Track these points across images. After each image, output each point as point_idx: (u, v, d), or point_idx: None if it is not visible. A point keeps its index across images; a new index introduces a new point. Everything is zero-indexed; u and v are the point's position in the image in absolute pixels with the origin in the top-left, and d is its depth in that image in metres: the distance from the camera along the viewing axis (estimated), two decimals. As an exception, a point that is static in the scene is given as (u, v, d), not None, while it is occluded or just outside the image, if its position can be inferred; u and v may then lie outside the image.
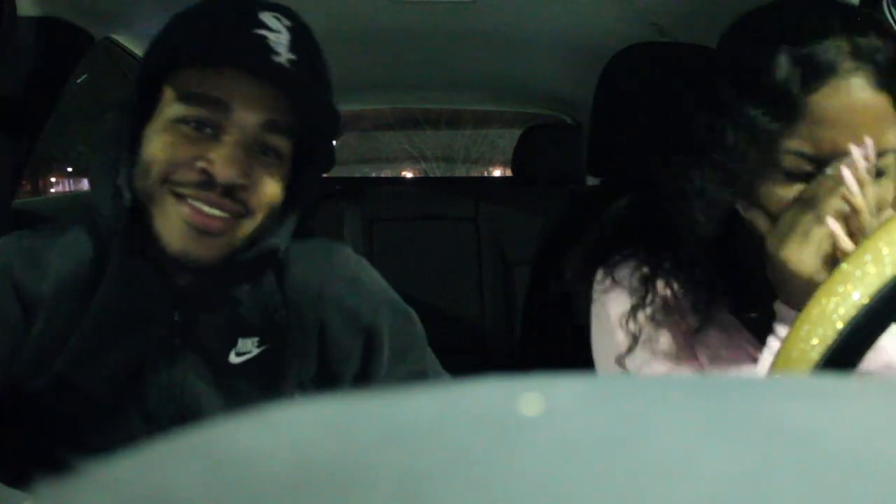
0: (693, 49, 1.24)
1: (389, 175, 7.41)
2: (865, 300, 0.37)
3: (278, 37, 0.68)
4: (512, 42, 1.77)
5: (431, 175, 8.01)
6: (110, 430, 0.74)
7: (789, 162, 0.60)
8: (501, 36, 1.72)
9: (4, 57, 1.12)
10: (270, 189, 0.71)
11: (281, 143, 0.71)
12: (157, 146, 0.68)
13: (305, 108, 0.72)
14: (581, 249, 0.88)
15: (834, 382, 0.19)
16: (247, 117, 0.68)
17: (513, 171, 2.22)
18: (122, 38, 1.44)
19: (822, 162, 0.59)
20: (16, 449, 0.74)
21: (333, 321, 0.80)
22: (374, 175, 6.93)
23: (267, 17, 0.69)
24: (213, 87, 0.68)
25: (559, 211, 1.30)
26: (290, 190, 0.75)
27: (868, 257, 0.37)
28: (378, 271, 0.87)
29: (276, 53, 0.67)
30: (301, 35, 0.71)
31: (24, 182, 0.98)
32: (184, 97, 0.68)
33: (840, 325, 0.37)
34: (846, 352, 0.37)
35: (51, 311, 0.73)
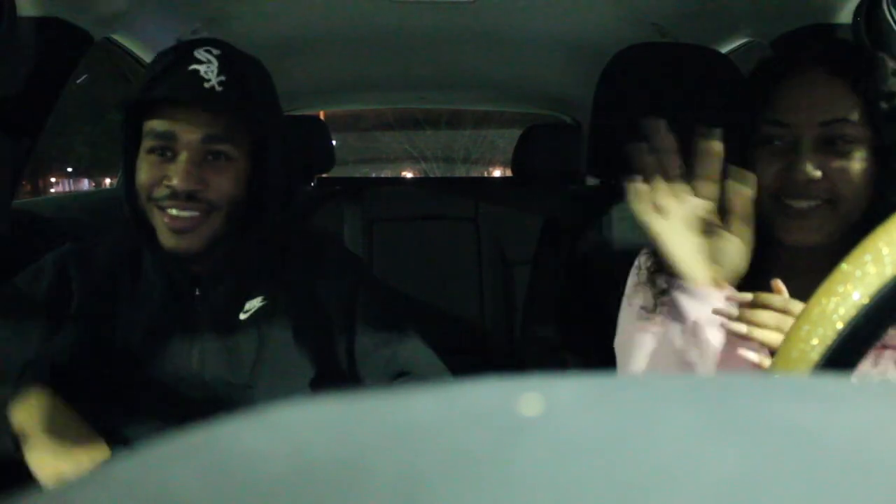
0: (693, 49, 1.24)
1: (389, 175, 7.40)
2: (865, 300, 0.36)
3: (209, 67, 0.88)
4: (512, 42, 1.77)
5: (431, 175, 8.00)
6: (146, 383, 0.93)
7: (766, 129, 0.82)
8: (501, 36, 1.72)
9: (4, 57, 1.12)
10: (226, 186, 0.91)
11: (227, 148, 0.91)
12: (140, 174, 0.91)
13: (241, 115, 0.91)
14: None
15: (834, 382, 0.19)
16: (190, 138, 0.89)
17: (513, 171, 2.22)
18: (122, 38, 1.44)
19: (788, 126, 0.80)
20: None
21: (325, 273, 1.01)
22: (374, 175, 6.92)
23: (199, 53, 0.89)
24: (165, 123, 0.89)
25: (559, 211, 1.30)
26: (252, 184, 0.94)
27: (868, 257, 0.37)
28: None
29: (207, 80, 0.88)
30: (229, 59, 0.90)
31: (24, 182, 0.99)
32: (150, 134, 0.90)
33: (840, 325, 0.37)
34: (846, 352, 0.37)
35: (94, 297, 0.95)
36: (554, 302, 1.17)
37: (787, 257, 0.84)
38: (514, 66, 1.99)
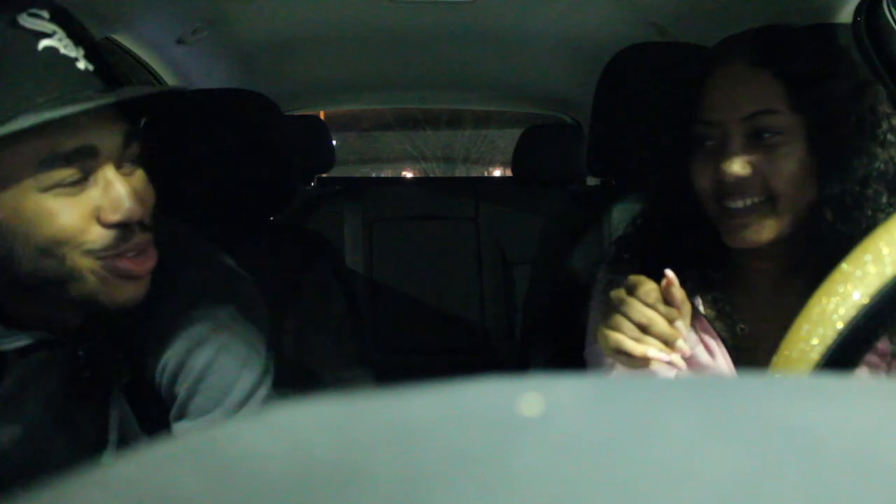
0: (693, 49, 1.24)
1: (389, 175, 7.40)
2: (865, 300, 0.36)
3: (60, 39, 0.56)
4: (512, 42, 1.76)
5: (431, 175, 8.00)
6: (37, 456, 0.71)
7: (698, 130, 0.78)
8: (501, 36, 1.72)
9: (4, 57, 1.12)
10: (152, 199, 0.65)
11: (136, 147, 0.64)
12: (55, 221, 0.58)
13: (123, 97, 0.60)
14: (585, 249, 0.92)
15: (834, 382, 0.19)
16: (112, 145, 0.60)
17: (513, 171, 2.22)
18: (122, 38, 1.44)
19: (715, 124, 0.77)
20: None
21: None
22: (374, 175, 6.92)
23: (30, 22, 0.55)
24: (76, 138, 0.57)
25: (559, 211, 1.30)
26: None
27: (868, 257, 0.37)
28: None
29: (75, 60, 0.57)
30: (65, 21, 0.58)
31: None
32: (46, 163, 0.57)
33: (840, 325, 0.37)
34: (846, 352, 0.37)
35: None
36: (554, 302, 1.17)
37: (743, 263, 0.82)
38: (514, 66, 1.99)
